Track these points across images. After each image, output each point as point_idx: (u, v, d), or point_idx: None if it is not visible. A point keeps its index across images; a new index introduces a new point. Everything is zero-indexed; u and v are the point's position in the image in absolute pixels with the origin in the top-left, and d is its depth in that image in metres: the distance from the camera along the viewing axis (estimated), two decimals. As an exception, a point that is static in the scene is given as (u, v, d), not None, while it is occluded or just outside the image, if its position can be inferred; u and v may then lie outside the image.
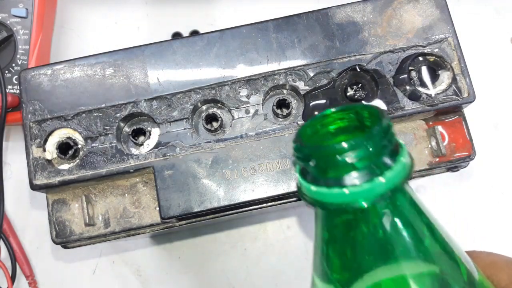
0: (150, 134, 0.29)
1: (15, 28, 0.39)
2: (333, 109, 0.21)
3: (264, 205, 0.29)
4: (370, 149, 0.18)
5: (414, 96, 0.28)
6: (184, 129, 0.28)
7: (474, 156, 0.29)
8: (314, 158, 0.20)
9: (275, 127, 0.29)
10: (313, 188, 0.20)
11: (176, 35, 0.45)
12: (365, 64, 0.28)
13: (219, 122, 0.28)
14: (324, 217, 0.21)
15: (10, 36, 0.38)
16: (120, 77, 0.29)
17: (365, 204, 0.18)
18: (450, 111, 0.29)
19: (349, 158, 0.18)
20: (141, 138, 0.29)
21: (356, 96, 0.28)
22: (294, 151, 0.21)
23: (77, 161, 0.28)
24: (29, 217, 0.42)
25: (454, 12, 0.30)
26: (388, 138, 0.19)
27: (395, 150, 0.19)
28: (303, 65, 0.29)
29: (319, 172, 0.20)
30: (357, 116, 0.21)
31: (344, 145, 0.18)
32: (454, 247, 0.21)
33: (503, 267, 0.20)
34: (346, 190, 0.18)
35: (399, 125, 0.29)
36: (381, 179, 0.18)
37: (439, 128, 0.29)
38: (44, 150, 0.28)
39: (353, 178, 0.19)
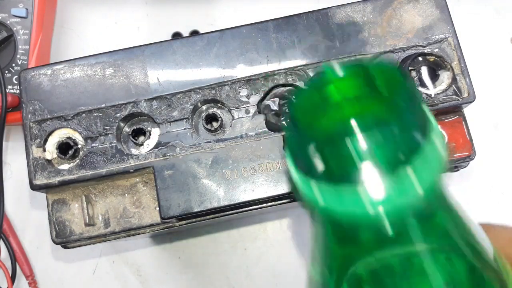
0: (150, 134, 0.29)
1: (15, 28, 0.39)
2: (335, 69, 0.14)
3: (264, 205, 0.29)
4: (395, 130, 0.12)
5: (414, 96, 0.28)
6: (184, 129, 0.28)
7: (474, 156, 0.29)
8: (314, 143, 0.13)
9: (275, 127, 0.28)
10: (313, 184, 0.14)
11: (176, 35, 0.44)
12: (365, 64, 0.28)
13: (219, 122, 0.28)
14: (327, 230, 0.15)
15: (10, 36, 0.38)
16: (120, 77, 0.29)
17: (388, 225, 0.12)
18: (450, 111, 0.29)
19: (365, 143, 0.12)
20: (141, 138, 0.29)
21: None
22: (286, 131, 0.15)
23: (77, 161, 0.28)
24: (29, 217, 0.42)
25: (454, 12, 0.30)
26: (417, 111, 0.13)
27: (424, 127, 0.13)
28: (303, 65, 0.29)
29: (321, 161, 0.14)
30: (368, 81, 0.14)
31: (357, 128, 0.13)
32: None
33: None
34: (363, 195, 0.12)
35: (399, 125, 0.29)
36: (410, 174, 0.12)
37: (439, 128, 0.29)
38: (44, 150, 0.28)
39: (371, 173, 0.12)
